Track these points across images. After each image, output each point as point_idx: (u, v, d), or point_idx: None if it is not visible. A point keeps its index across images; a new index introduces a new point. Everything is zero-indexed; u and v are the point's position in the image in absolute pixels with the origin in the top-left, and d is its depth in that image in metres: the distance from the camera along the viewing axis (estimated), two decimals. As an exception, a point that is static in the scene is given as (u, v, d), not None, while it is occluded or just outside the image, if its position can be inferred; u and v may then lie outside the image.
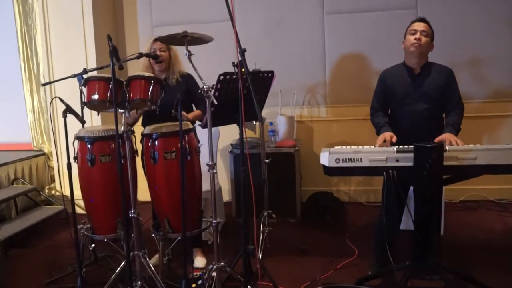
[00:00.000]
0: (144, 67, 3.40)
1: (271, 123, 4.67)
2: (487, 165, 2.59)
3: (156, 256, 3.34)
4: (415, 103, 3.12)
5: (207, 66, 3.30)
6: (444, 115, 3.20)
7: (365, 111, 4.79)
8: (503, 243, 3.71)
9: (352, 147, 2.79)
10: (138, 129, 3.11)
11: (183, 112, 2.94)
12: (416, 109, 3.12)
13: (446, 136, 2.88)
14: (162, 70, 3.42)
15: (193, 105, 3.51)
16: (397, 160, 2.65)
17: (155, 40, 3.34)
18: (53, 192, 5.13)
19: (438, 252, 2.77)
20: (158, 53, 3.31)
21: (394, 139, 2.93)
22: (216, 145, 4.27)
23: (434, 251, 2.72)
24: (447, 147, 2.64)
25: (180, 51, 3.24)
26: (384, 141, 2.92)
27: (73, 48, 4.81)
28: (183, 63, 3.43)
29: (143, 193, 3.43)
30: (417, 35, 3.07)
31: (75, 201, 3.04)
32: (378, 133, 3.14)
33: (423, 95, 3.12)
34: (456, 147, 2.67)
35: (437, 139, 2.84)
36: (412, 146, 2.64)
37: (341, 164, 2.68)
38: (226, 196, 4.84)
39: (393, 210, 3.08)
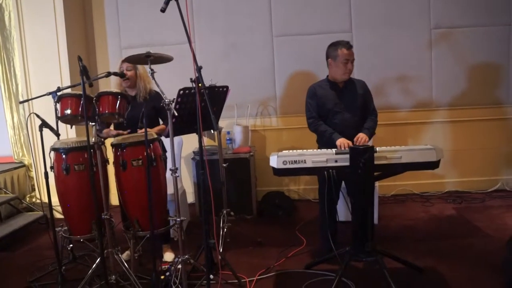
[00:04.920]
0: (116, 85, 3.36)
1: (228, 132, 4.65)
2: (410, 163, 2.69)
3: (128, 252, 3.25)
4: (343, 112, 3.22)
5: (170, 83, 3.25)
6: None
7: (310, 121, 4.90)
8: (426, 229, 3.82)
9: (297, 150, 2.80)
10: (109, 141, 3.04)
11: (148, 129, 2.86)
12: (344, 117, 3.22)
13: (358, 135, 3.09)
14: (130, 87, 3.37)
15: (160, 120, 3.45)
16: (336, 161, 2.70)
17: (123, 60, 3.29)
18: (33, 200, 4.91)
19: (373, 239, 2.81)
20: (124, 72, 3.28)
21: (351, 144, 2.99)
22: (180, 153, 4.21)
23: (370, 238, 2.77)
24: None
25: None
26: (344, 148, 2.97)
27: (48, 69, 4.61)
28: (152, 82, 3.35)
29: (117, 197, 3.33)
30: (349, 66, 3.16)
31: (53, 207, 2.94)
32: (329, 139, 3.13)
33: (349, 105, 3.23)
34: (385, 148, 2.75)
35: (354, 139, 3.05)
36: (349, 149, 2.70)
37: (288, 166, 2.71)
38: (191, 198, 4.78)
39: (330, 204, 3.14)
